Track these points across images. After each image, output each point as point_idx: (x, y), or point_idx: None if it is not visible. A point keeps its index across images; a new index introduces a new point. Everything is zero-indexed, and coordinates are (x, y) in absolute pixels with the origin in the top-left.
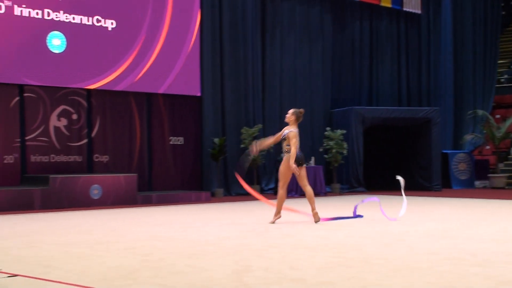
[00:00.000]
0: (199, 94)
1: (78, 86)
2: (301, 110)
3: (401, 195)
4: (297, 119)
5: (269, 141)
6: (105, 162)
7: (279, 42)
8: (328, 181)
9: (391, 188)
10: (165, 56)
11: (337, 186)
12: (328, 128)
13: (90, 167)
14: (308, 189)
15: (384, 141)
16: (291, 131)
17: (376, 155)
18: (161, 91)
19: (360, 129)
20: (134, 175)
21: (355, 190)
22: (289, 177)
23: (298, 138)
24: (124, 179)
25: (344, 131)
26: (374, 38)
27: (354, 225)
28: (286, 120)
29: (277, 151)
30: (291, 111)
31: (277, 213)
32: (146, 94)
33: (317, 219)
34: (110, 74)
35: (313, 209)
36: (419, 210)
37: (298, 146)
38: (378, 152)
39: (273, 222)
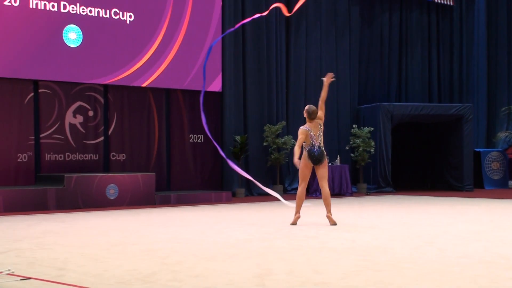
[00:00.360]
0: (220, 90)
1: (95, 81)
2: (306, 107)
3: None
4: (307, 116)
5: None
6: (122, 160)
7: (304, 35)
8: (354, 181)
9: (421, 188)
10: (185, 50)
11: (363, 186)
12: (354, 125)
13: (106, 166)
14: (325, 190)
15: (414, 139)
16: (300, 127)
17: (405, 153)
18: (181, 86)
19: (388, 126)
20: (152, 174)
21: (382, 190)
22: (307, 175)
23: (307, 134)
24: (141, 178)
25: (372, 129)
26: (404, 31)
27: (382, 227)
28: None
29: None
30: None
31: (296, 213)
32: (165, 90)
33: (332, 223)
34: (128, 69)
35: (327, 211)
36: (450, 211)
37: (317, 143)
38: (407, 150)
39: (294, 223)
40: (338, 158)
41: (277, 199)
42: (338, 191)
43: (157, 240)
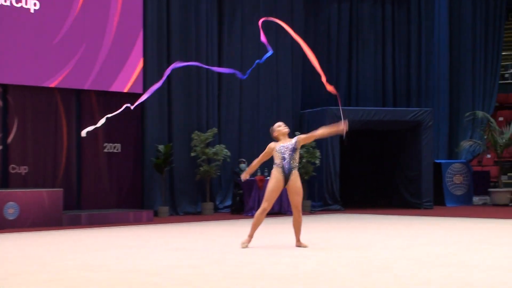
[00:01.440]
0: (141, 92)
1: None
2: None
3: None
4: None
5: None
6: (24, 174)
7: (239, 28)
8: None
9: (373, 205)
10: (99, 44)
11: (307, 203)
12: (297, 133)
13: (4, 180)
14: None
15: (365, 149)
16: None
17: (355, 166)
18: (93, 87)
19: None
20: (60, 190)
21: (329, 208)
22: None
23: (267, 151)
24: (46, 195)
25: None
26: (354, 25)
27: (328, 251)
28: None
29: (234, 161)
30: None
31: (249, 236)
32: (76, 91)
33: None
34: (32, 67)
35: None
36: (406, 232)
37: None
38: (357, 162)
39: (245, 246)
40: None
41: (208, 220)
42: (278, 210)
43: (65, 268)
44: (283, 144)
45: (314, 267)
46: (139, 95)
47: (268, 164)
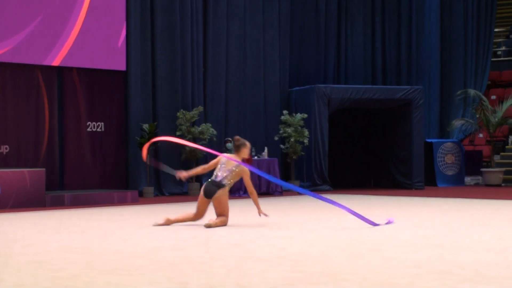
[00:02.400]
0: (124, 69)
1: None
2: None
3: None
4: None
5: None
6: (5, 154)
7: (225, 3)
8: (285, 177)
9: (363, 185)
10: (84, 18)
11: (296, 183)
12: (285, 112)
13: None
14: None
15: (355, 128)
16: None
17: (344, 145)
18: (75, 64)
19: (325, 112)
20: (42, 170)
21: (318, 188)
22: (200, 208)
23: (216, 162)
24: (28, 175)
25: (305, 115)
26: (343, 0)
27: (317, 233)
28: None
29: (220, 140)
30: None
31: (168, 219)
32: (57, 68)
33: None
34: (11, 41)
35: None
36: (397, 213)
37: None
38: (347, 141)
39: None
40: (266, 151)
41: (194, 200)
42: (265, 190)
43: (48, 249)
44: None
45: (302, 249)
46: (122, 73)
47: (255, 144)
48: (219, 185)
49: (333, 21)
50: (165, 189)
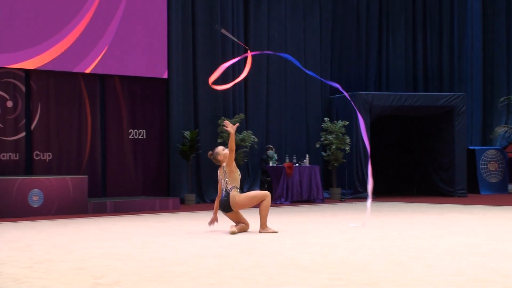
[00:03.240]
0: (165, 77)
1: (14, 65)
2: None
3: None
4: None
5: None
6: (48, 161)
7: (266, 11)
8: (327, 185)
9: (405, 193)
10: (125, 27)
11: (337, 191)
12: (326, 119)
13: (28, 167)
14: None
15: (396, 135)
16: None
17: (386, 152)
18: (117, 72)
19: (366, 120)
20: (84, 177)
21: (360, 196)
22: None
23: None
24: (71, 182)
25: (347, 123)
26: (384, 7)
27: (358, 240)
28: None
29: (261, 147)
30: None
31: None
32: (100, 76)
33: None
34: (55, 51)
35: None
36: (439, 221)
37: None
38: (388, 149)
39: None
40: (307, 158)
41: None
42: (307, 197)
43: (90, 256)
44: (220, 171)
45: (343, 256)
46: (163, 80)
47: (296, 151)
48: (226, 198)
49: (374, 28)
50: (207, 196)
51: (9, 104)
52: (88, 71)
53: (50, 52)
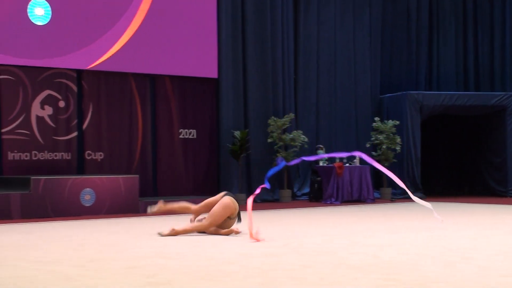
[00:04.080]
0: (215, 76)
1: (66, 66)
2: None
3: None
4: None
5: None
6: (100, 160)
7: (315, 11)
8: (377, 185)
9: (456, 193)
10: (174, 27)
11: (388, 191)
12: (376, 118)
13: (80, 166)
14: None
15: (447, 135)
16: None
17: (437, 152)
18: (169, 72)
19: (417, 119)
20: (135, 176)
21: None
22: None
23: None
24: (122, 181)
25: (397, 122)
26: (434, 6)
27: (409, 240)
28: None
29: (312, 147)
30: None
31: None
32: (150, 76)
33: None
34: (106, 51)
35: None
36: (491, 221)
37: None
38: (439, 148)
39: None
40: (357, 158)
41: (288, 207)
42: (357, 197)
43: (142, 255)
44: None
45: (394, 256)
46: (213, 80)
47: (346, 151)
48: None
49: (425, 27)
50: (257, 196)
51: (61, 104)
52: (138, 71)
53: (102, 53)
